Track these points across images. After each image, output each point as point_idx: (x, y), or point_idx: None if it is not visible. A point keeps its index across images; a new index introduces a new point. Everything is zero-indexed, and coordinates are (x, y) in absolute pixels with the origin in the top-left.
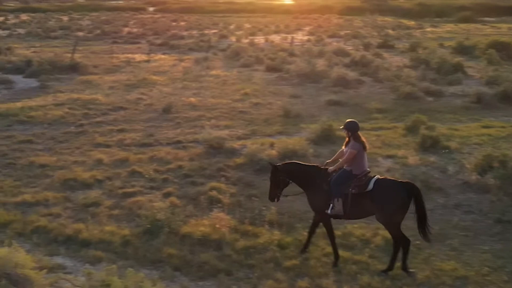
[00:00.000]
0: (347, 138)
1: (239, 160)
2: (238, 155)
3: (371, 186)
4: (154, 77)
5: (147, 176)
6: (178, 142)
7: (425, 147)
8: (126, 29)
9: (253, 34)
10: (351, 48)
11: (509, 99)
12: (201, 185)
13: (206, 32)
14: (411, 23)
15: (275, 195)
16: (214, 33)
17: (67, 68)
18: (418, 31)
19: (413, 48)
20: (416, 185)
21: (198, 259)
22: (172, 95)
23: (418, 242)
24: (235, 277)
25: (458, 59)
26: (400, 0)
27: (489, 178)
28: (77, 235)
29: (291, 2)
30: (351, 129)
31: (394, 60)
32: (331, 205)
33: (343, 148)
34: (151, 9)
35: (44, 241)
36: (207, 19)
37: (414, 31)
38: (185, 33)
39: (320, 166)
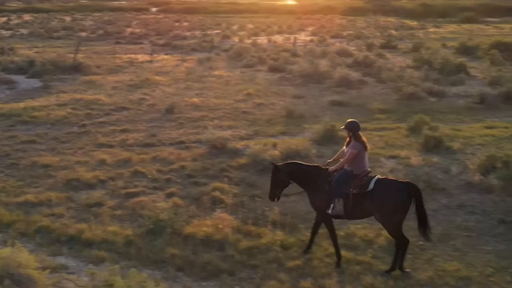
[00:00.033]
0: (348, 138)
1: (242, 160)
2: (241, 155)
3: (371, 186)
4: (157, 77)
5: (150, 176)
6: (181, 142)
7: (428, 147)
8: (129, 29)
9: (256, 34)
10: (354, 48)
11: None
12: (204, 186)
13: (209, 32)
14: (414, 23)
15: (275, 195)
16: (217, 33)
17: (69, 68)
18: (421, 31)
19: (416, 49)
20: (416, 185)
21: (201, 259)
22: (175, 95)
23: (421, 243)
24: (238, 277)
25: (461, 59)
26: (403, 1)
27: (492, 179)
28: (80, 235)
29: (294, 2)
30: (352, 129)
31: (397, 61)
32: (332, 205)
33: (344, 148)
34: (154, 9)
35: (47, 241)
36: (210, 19)
37: (417, 32)
38: (188, 33)
39: (321, 166)
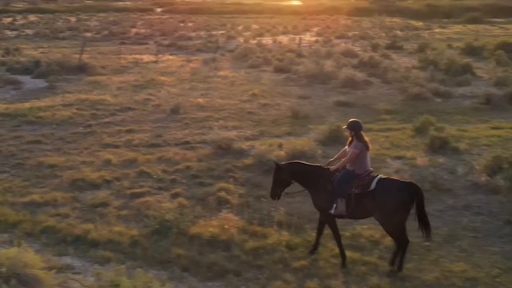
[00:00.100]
0: (350, 138)
1: (248, 161)
2: (246, 156)
3: (373, 185)
4: (162, 77)
5: (155, 176)
6: (186, 142)
7: (434, 148)
8: (134, 30)
9: (261, 35)
10: (359, 49)
11: None
12: (209, 186)
13: (214, 33)
14: (419, 24)
15: (276, 194)
16: (222, 34)
17: (75, 68)
18: (426, 32)
19: (421, 49)
20: (418, 186)
21: (206, 259)
22: (180, 95)
23: (428, 244)
24: (243, 277)
25: (467, 60)
26: (408, 1)
27: (498, 179)
28: (85, 235)
29: (299, 3)
30: (354, 128)
31: (403, 61)
32: (334, 205)
33: (346, 148)
34: (158, 10)
35: (53, 241)
36: (215, 20)
37: (422, 32)
38: (193, 34)
39: (323, 166)
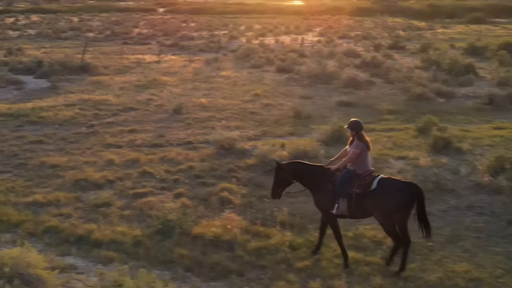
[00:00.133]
0: (351, 138)
1: (250, 161)
2: (249, 156)
3: (374, 185)
4: (164, 77)
5: (158, 176)
6: (189, 142)
7: (437, 148)
8: (136, 30)
9: (263, 35)
10: (361, 49)
11: None
12: (212, 186)
13: (216, 33)
14: (422, 24)
15: (276, 193)
16: (224, 34)
17: (77, 68)
18: (429, 32)
19: (424, 49)
20: (419, 186)
21: (209, 259)
22: (182, 95)
23: (431, 244)
24: (246, 278)
25: (470, 60)
26: (411, 1)
27: (501, 180)
28: (88, 235)
29: (301, 3)
30: (355, 128)
31: (405, 61)
32: (336, 205)
33: (347, 147)
34: (161, 10)
35: (56, 241)
36: (217, 20)
37: (425, 32)
38: (195, 34)
39: (324, 166)
